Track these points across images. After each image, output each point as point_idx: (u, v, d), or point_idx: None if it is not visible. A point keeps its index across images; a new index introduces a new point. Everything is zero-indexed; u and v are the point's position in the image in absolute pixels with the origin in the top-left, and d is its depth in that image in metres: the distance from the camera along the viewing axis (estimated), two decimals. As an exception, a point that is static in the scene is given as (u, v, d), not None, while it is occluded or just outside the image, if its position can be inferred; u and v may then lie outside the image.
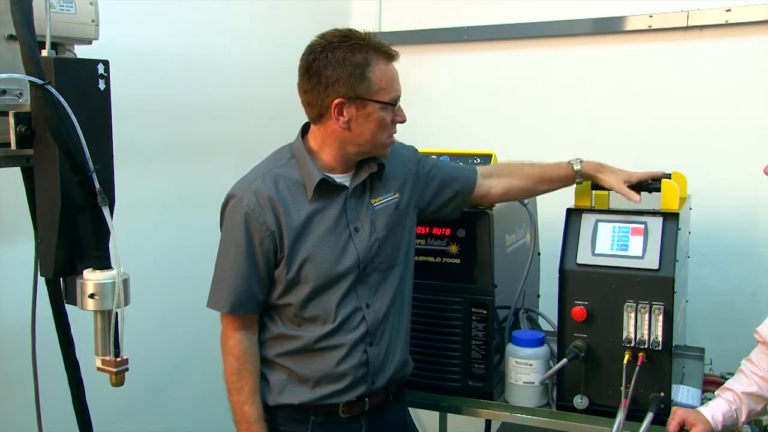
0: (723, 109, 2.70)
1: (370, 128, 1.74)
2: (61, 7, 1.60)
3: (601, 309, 1.93)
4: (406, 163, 1.95)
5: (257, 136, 2.89)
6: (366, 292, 1.83)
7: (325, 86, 1.71)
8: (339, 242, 1.79)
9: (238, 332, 1.79)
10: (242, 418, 1.77)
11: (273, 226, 1.73)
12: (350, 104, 1.71)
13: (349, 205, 1.81)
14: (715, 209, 2.61)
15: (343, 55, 1.70)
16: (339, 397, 1.82)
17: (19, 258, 1.86)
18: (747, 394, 1.79)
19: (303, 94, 1.77)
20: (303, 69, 1.75)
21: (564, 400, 2.00)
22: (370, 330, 1.82)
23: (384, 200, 1.87)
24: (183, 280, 2.52)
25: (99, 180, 1.43)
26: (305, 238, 1.76)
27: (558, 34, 2.96)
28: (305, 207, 1.77)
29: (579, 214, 2.01)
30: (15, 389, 1.98)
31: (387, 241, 1.85)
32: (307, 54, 1.74)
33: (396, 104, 1.78)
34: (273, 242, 1.74)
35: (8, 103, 1.50)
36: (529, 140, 2.99)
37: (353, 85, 1.70)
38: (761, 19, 2.60)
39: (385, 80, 1.73)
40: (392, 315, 1.88)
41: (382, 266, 1.85)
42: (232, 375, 1.78)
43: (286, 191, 1.76)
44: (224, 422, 1.85)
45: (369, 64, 1.71)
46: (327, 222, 1.78)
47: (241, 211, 1.73)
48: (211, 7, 2.64)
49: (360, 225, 1.82)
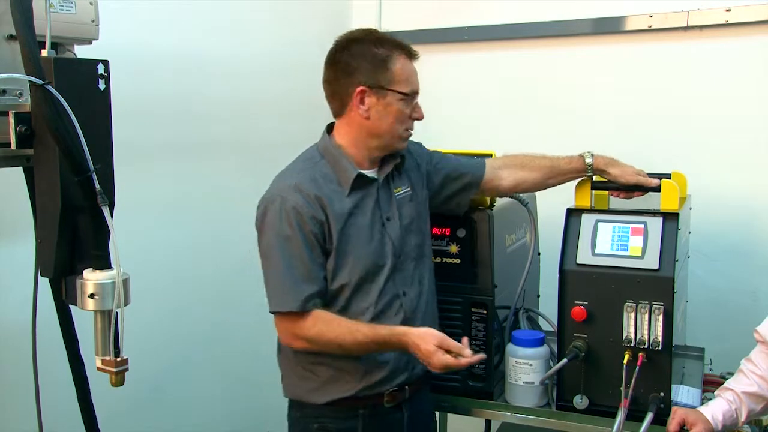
0: (723, 109, 2.70)
1: (389, 118, 1.82)
2: (61, 7, 1.60)
3: (601, 309, 1.93)
4: (413, 158, 2.00)
5: (258, 136, 2.89)
6: (402, 280, 1.88)
7: (348, 75, 1.80)
8: (377, 233, 1.85)
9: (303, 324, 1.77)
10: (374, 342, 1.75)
11: (322, 217, 1.78)
12: (371, 93, 1.80)
13: (381, 197, 1.88)
14: (715, 209, 2.61)
15: (367, 48, 1.81)
16: (384, 386, 1.85)
17: (19, 258, 1.86)
18: (747, 394, 1.79)
19: (327, 85, 1.86)
20: (328, 62, 1.85)
21: (564, 400, 2.00)
22: (407, 316, 1.87)
23: (402, 191, 1.93)
24: (183, 280, 2.53)
25: (99, 180, 1.43)
26: (349, 229, 1.81)
27: (558, 34, 2.96)
28: (345, 201, 1.82)
29: (579, 214, 2.02)
30: (15, 389, 1.98)
31: (412, 229, 1.91)
32: (333, 48, 1.85)
33: (414, 98, 1.85)
34: (323, 232, 1.79)
35: (8, 103, 1.50)
36: (528, 140, 2.96)
37: (375, 75, 1.79)
38: (761, 19, 2.60)
39: (405, 73, 1.82)
40: (425, 302, 1.93)
41: (413, 254, 1.91)
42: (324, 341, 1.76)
43: (326, 188, 1.81)
44: (224, 422, 1.85)
45: (391, 57, 1.81)
46: (365, 214, 1.84)
47: (289, 209, 1.77)
48: (211, 7, 2.64)
49: (391, 215, 1.88)
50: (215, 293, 2.65)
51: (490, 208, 2.11)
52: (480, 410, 2.11)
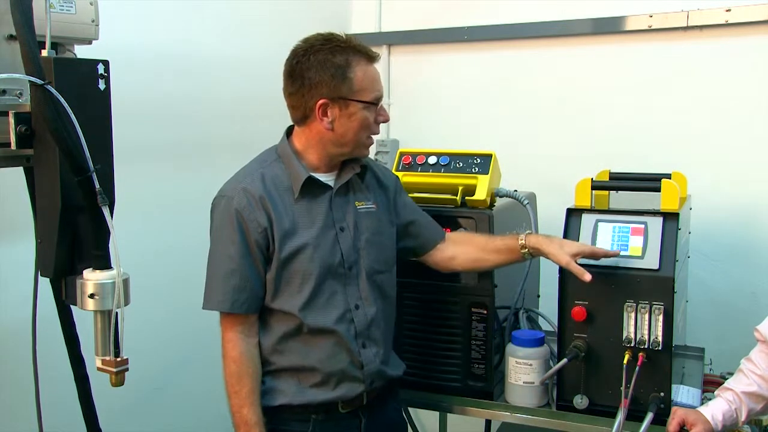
0: (723, 109, 2.70)
1: (353, 128, 1.78)
2: (61, 7, 1.60)
3: (601, 309, 1.93)
4: (380, 179, 1.97)
5: (258, 136, 2.86)
6: (354, 293, 1.84)
7: (309, 88, 1.75)
8: (326, 241, 1.80)
9: (237, 334, 1.79)
10: (241, 421, 1.77)
11: (265, 223, 1.75)
12: (333, 105, 1.76)
13: (334, 205, 1.83)
14: (715, 209, 2.61)
15: (325, 57, 1.75)
16: (337, 393, 1.83)
17: (19, 258, 1.86)
18: (747, 394, 1.79)
19: (288, 97, 1.82)
20: (287, 72, 1.80)
21: (564, 400, 2.00)
22: (359, 331, 1.83)
23: (365, 206, 1.89)
24: (183, 280, 2.51)
25: (99, 180, 1.43)
26: (294, 235, 1.77)
27: (558, 34, 2.96)
28: (292, 206, 1.79)
29: (579, 214, 2.01)
30: (15, 389, 1.98)
31: (372, 244, 1.87)
32: (291, 58, 1.80)
33: (378, 104, 1.82)
34: (265, 238, 1.76)
35: (8, 103, 1.50)
36: (528, 140, 2.99)
37: (335, 86, 1.74)
38: (761, 19, 2.60)
39: (366, 80, 1.77)
40: (381, 319, 1.88)
41: (369, 269, 1.86)
42: (231, 378, 1.78)
43: (274, 190, 1.79)
44: (224, 422, 1.85)
45: (350, 65, 1.75)
46: (314, 221, 1.80)
47: (232, 210, 1.75)
48: (211, 7, 2.64)
49: (345, 225, 1.84)
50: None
51: (490, 208, 2.11)
52: (480, 410, 2.11)
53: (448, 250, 2.01)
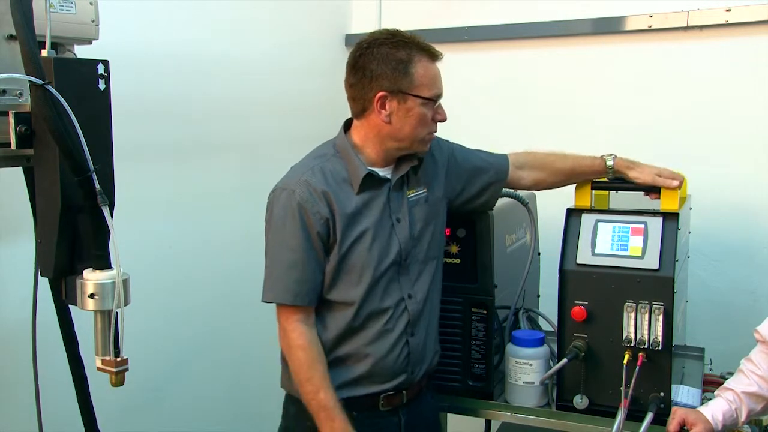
0: (723, 109, 2.70)
1: (410, 123, 1.80)
2: (61, 7, 1.60)
3: (601, 309, 1.93)
4: (435, 156, 1.99)
5: (258, 136, 2.89)
6: (408, 282, 1.87)
7: (370, 80, 1.78)
8: (384, 233, 1.84)
9: (301, 324, 1.79)
10: (319, 407, 1.77)
11: (327, 213, 1.78)
12: (392, 98, 1.78)
13: (391, 198, 1.87)
14: (715, 209, 2.61)
15: (388, 51, 1.77)
16: (380, 386, 1.85)
17: (19, 258, 1.86)
18: (747, 394, 1.79)
19: (349, 88, 1.84)
20: (350, 64, 1.83)
21: (564, 400, 2.00)
22: (411, 320, 1.87)
23: (416, 193, 1.92)
24: (183, 280, 2.53)
25: (99, 180, 1.43)
26: (355, 227, 1.80)
27: (558, 34, 2.96)
28: (353, 199, 1.82)
29: (579, 214, 2.02)
30: (15, 389, 1.98)
31: (423, 233, 1.90)
32: (355, 50, 1.82)
33: (437, 101, 1.83)
34: (327, 229, 1.78)
35: (8, 103, 1.50)
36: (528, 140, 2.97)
37: (396, 80, 1.77)
38: (761, 19, 2.60)
39: (427, 77, 1.79)
40: (428, 306, 1.92)
41: (421, 257, 1.90)
42: (301, 366, 1.78)
43: (335, 184, 1.81)
44: (224, 422, 1.85)
45: (412, 61, 1.78)
46: (373, 214, 1.83)
47: (294, 203, 1.77)
48: (211, 7, 2.64)
49: (401, 216, 1.87)
50: (215, 293, 2.65)
51: (490, 208, 2.11)
52: (480, 410, 2.11)
53: (527, 177, 2.09)
